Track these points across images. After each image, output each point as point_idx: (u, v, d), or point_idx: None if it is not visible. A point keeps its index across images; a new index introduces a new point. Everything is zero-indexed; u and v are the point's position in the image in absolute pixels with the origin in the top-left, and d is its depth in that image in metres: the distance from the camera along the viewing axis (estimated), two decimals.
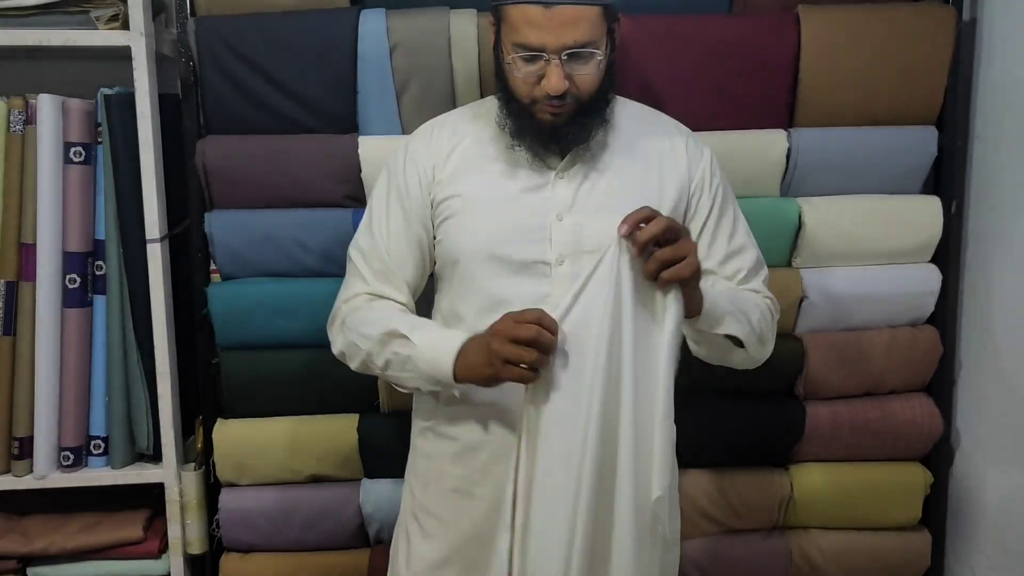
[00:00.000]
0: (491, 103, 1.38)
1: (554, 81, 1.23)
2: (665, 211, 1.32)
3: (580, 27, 1.21)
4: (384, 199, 1.40)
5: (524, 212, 1.32)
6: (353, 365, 1.36)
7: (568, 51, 1.22)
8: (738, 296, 1.34)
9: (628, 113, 1.41)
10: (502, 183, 1.34)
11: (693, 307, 1.21)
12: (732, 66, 1.68)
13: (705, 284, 1.25)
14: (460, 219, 1.34)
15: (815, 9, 1.68)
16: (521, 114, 1.30)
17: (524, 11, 1.22)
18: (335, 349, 1.38)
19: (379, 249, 1.38)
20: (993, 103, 1.74)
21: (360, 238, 1.41)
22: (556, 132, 1.29)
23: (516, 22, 1.23)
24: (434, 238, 1.39)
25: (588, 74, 1.25)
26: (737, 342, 1.30)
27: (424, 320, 1.33)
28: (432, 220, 1.38)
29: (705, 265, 1.34)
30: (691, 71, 1.68)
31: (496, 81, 1.34)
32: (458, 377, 1.23)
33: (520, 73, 1.26)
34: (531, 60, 1.24)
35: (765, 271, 1.43)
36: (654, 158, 1.37)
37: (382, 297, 1.37)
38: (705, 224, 1.38)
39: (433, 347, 1.25)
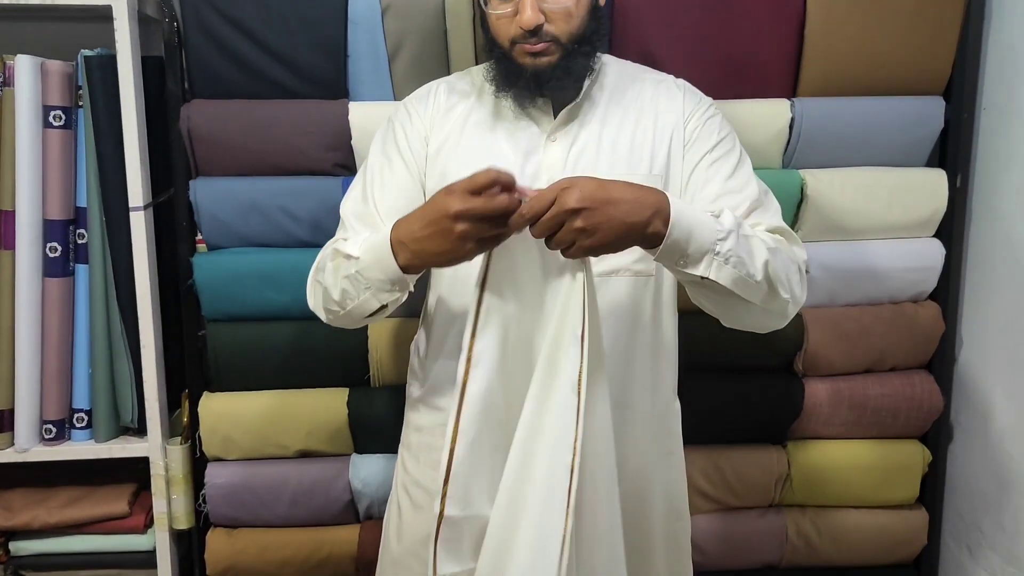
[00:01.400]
0: (484, 67, 1.35)
1: (528, 13, 1.20)
2: (658, 166, 1.30)
3: None
4: (380, 153, 1.36)
5: (516, 176, 1.28)
6: (324, 316, 1.29)
7: None
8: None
9: (620, 70, 1.38)
10: (494, 145, 1.32)
11: (629, 237, 1.09)
12: (735, 33, 1.64)
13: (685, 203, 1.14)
14: (452, 179, 1.30)
15: None
16: (504, 60, 1.27)
17: None
18: (310, 303, 1.31)
19: (369, 203, 1.32)
20: (1002, 74, 1.70)
21: (352, 193, 1.35)
22: (539, 77, 1.25)
23: None
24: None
25: (563, 7, 1.22)
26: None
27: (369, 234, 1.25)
28: (425, 177, 1.34)
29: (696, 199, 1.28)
30: (693, 39, 1.64)
31: (483, 35, 1.32)
32: (404, 261, 1.15)
33: (496, 12, 1.25)
34: None
35: (776, 206, 1.30)
36: (648, 110, 1.33)
37: None
38: (699, 163, 1.31)
39: (372, 247, 1.18)
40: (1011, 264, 1.68)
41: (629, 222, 1.07)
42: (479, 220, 1.06)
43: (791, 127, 1.67)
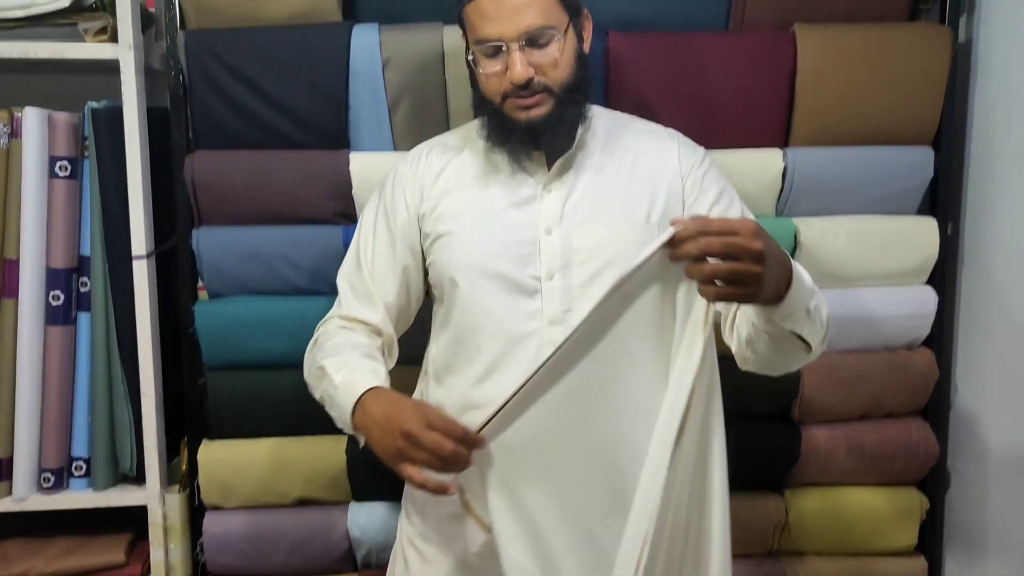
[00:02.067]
0: (476, 123, 1.37)
1: (517, 68, 1.23)
2: (656, 215, 1.32)
3: (532, 11, 1.22)
4: (372, 222, 1.40)
5: (512, 227, 1.31)
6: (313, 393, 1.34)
7: (524, 36, 1.23)
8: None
9: (613, 119, 1.41)
10: (490, 199, 1.33)
11: (770, 292, 1.07)
12: (728, 84, 1.67)
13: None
14: (449, 238, 1.33)
15: (811, 28, 1.68)
16: (497, 116, 1.29)
17: (477, 6, 1.24)
18: (304, 372, 1.36)
19: (363, 271, 1.37)
20: (989, 124, 1.74)
21: (347, 261, 1.41)
22: (533, 130, 1.27)
23: (472, 20, 1.25)
24: (423, 260, 1.39)
25: (550, 57, 1.24)
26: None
27: (359, 361, 1.28)
28: (421, 243, 1.38)
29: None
30: (686, 89, 1.67)
31: (473, 94, 1.34)
32: (357, 424, 1.21)
33: (485, 70, 1.27)
34: (493, 55, 1.25)
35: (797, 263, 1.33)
36: (643, 160, 1.35)
37: (355, 320, 1.36)
38: (710, 213, 1.33)
39: (346, 389, 1.23)
40: (1003, 311, 1.70)
41: (779, 279, 1.08)
42: (418, 448, 1.10)
43: (784, 176, 1.69)
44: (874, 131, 1.72)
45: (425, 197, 1.37)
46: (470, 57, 1.29)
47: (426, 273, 1.41)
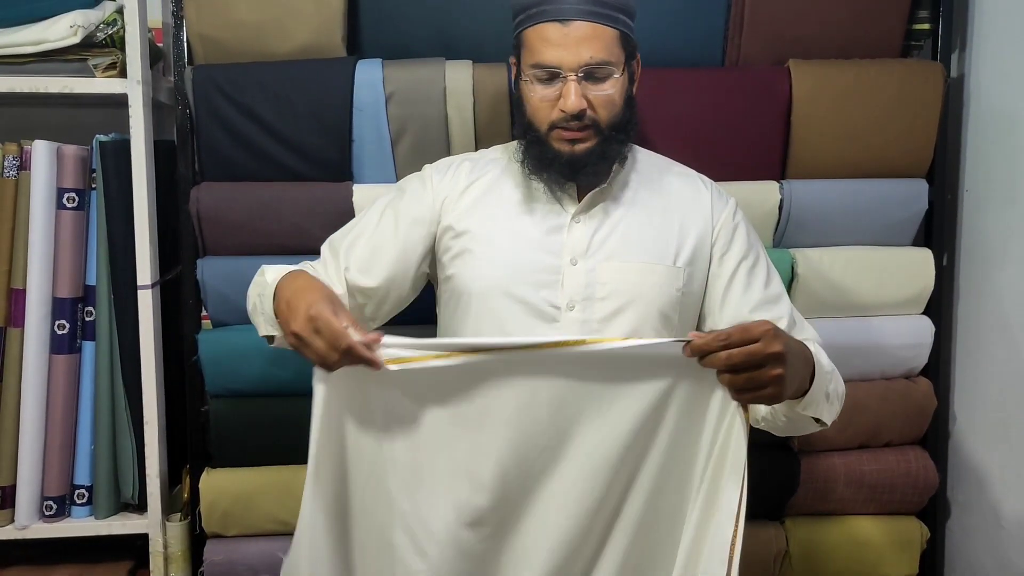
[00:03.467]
0: (514, 145, 1.38)
1: (572, 98, 1.22)
2: (683, 258, 1.32)
3: (596, 44, 1.23)
4: (380, 211, 1.39)
5: (538, 254, 1.31)
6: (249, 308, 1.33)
7: (585, 67, 1.23)
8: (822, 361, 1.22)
9: (648, 159, 1.41)
10: (518, 222, 1.33)
11: (794, 388, 1.11)
12: (725, 118, 1.70)
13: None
14: (473, 256, 1.33)
15: (806, 64, 1.71)
16: (539, 144, 1.29)
17: (541, 30, 1.24)
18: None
19: (345, 240, 1.37)
20: (982, 157, 1.77)
21: (342, 229, 1.41)
22: (575, 164, 1.27)
23: (533, 43, 1.25)
24: (431, 269, 1.39)
25: (606, 94, 1.25)
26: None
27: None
28: (438, 252, 1.37)
29: (741, 315, 1.30)
30: (684, 123, 1.70)
31: (515, 115, 1.35)
32: (277, 311, 1.19)
33: (537, 95, 1.26)
34: (548, 81, 1.25)
35: (810, 326, 1.35)
36: (675, 203, 1.35)
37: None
38: (737, 270, 1.34)
39: (273, 279, 1.23)
40: (999, 340, 1.71)
41: (802, 375, 1.11)
42: (307, 349, 1.09)
43: (780, 208, 1.72)
44: (869, 164, 1.74)
45: (448, 208, 1.36)
46: (526, 80, 1.28)
47: (427, 281, 1.40)
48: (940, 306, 1.80)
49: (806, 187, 1.72)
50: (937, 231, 1.79)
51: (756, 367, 1.04)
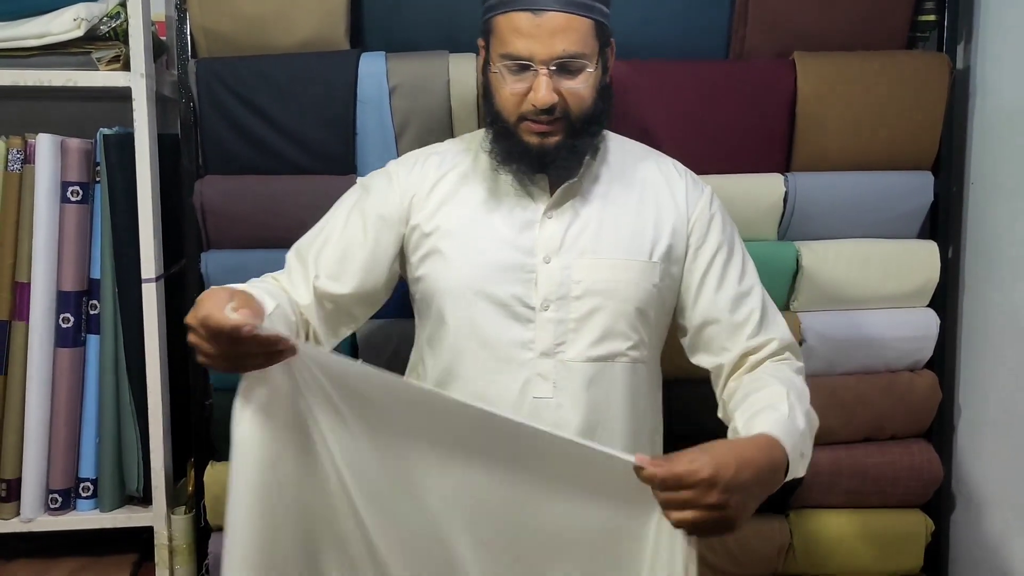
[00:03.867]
0: (482, 134, 1.33)
1: (543, 92, 1.18)
2: (659, 252, 1.29)
3: (570, 36, 1.18)
4: (346, 211, 1.33)
5: (510, 251, 1.27)
6: None
7: (557, 60, 1.18)
8: (795, 419, 1.14)
9: (622, 147, 1.37)
10: (488, 219, 1.29)
11: (752, 510, 1.04)
12: (729, 111, 1.69)
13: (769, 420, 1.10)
14: (442, 256, 1.28)
15: (811, 56, 1.70)
16: (507, 135, 1.24)
17: (512, 19, 1.19)
18: None
19: (312, 248, 1.30)
20: (988, 149, 1.76)
21: (307, 236, 1.33)
22: (544, 156, 1.23)
23: (504, 32, 1.20)
24: (402, 268, 1.34)
25: (578, 88, 1.20)
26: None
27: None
28: (407, 252, 1.33)
29: (713, 312, 1.28)
30: (688, 116, 1.69)
31: (483, 103, 1.30)
32: None
33: (507, 86, 1.22)
34: (519, 72, 1.20)
35: (780, 319, 1.32)
36: (650, 195, 1.31)
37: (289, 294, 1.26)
38: (712, 263, 1.30)
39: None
40: (1005, 333, 1.71)
41: (765, 493, 1.05)
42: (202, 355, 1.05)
43: (785, 200, 1.71)
44: (874, 156, 1.74)
45: (416, 205, 1.31)
46: (495, 71, 1.23)
47: (401, 280, 1.36)
48: (945, 299, 1.80)
49: (811, 180, 1.72)
50: (943, 224, 1.79)
51: (688, 488, 0.97)
